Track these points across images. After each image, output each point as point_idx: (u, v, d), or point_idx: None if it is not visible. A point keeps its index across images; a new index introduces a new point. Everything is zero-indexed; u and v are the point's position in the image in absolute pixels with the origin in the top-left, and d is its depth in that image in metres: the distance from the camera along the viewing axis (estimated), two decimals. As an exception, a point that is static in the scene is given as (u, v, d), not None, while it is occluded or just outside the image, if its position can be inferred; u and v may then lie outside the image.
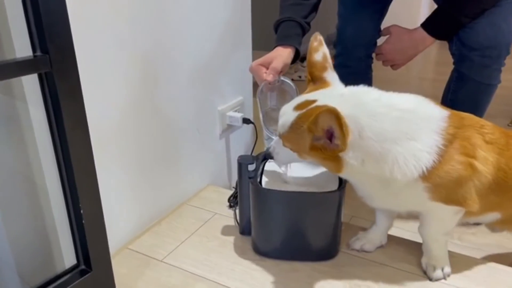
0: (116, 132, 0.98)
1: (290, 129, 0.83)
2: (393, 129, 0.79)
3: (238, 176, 1.03)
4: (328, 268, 0.97)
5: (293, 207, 0.95)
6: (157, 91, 1.08)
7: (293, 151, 0.85)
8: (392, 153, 0.79)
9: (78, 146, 0.71)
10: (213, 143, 1.35)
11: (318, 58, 0.90)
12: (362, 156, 0.79)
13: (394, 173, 0.80)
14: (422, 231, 0.94)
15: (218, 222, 1.15)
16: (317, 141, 0.79)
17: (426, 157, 0.79)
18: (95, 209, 0.76)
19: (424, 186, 0.82)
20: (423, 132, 0.81)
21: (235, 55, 1.35)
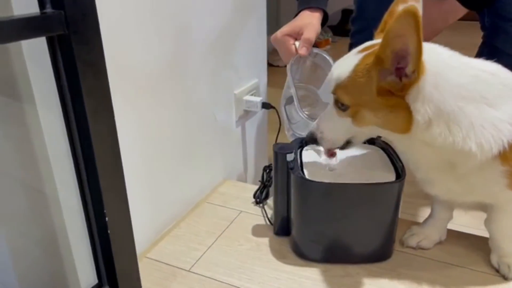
0: (129, 121, 0.82)
1: (351, 76, 0.69)
2: (471, 87, 0.66)
3: (274, 167, 0.88)
4: (384, 270, 0.84)
5: (347, 201, 0.81)
6: (173, 73, 0.92)
7: (352, 106, 0.71)
8: (467, 116, 0.65)
9: (103, 137, 0.54)
10: (229, 132, 1.19)
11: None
12: (432, 111, 0.65)
13: (468, 142, 0.66)
14: (491, 226, 0.82)
15: (246, 222, 1.00)
16: (384, 78, 0.66)
17: (508, 129, 0.66)
18: (122, 216, 0.60)
19: (502, 169, 0.69)
20: (504, 101, 0.67)
21: (249, 33, 1.19)
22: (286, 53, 0.97)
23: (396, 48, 0.62)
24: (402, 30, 0.59)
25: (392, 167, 0.84)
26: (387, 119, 0.69)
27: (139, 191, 0.88)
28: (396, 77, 0.65)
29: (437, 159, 0.72)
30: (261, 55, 1.28)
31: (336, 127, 0.75)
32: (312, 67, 1.01)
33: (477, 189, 0.74)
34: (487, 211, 0.82)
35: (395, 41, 0.61)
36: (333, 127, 0.76)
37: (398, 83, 0.65)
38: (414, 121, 0.67)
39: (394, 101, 0.67)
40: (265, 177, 1.09)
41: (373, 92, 0.67)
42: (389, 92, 0.66)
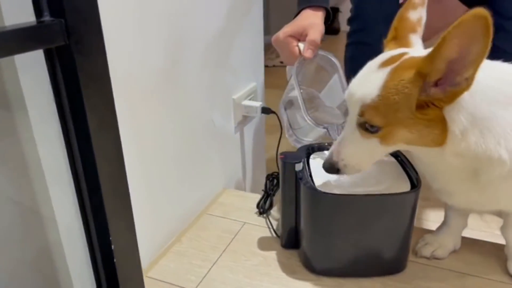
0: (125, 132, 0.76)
1: (381, 94, 0.63)
2: (501, 90, 0.64)
3: (282, 178, 0.84)
4: (400, 283, 0.80)
5: (360, 213, 0.77)
6: (170, 81, 0.86)
7: (383, 126, 0.65)
8: (499, 121, 0.63)
9: (108, 156, 0.49)
10: (227, 138, 1.14)
11: (412, 16, 0.73)
12: (467, 119, 0.62)
13: (498, 150, 0.63)
14: (507, 233, 0.79)
15: (251, 234, 0.95)
16: (425, 91, 0.62)
17: None
18: (130, 243, 0.54)
19: None
20: None
21: (246, 35, 1.14)
22: (289, 55, 0.93)
23: (452, 57, 0.58)
24: (470, 37, 0.55)
25: (406, 176, 0.81)
26: (422, 134, 0.65)
27: (137, 205, 0.82)
28: (437, 87, 0.61)
29: (463, 168, 0.68)
30: (258, 57, 1.24)
31: (360, 151, 0.70)
32: (315, 70, 0.97)
33: (499, 198, 0.71)
34: (504, 217, 0.79)
35: (453, 49, 0.57)
36: (358, 151, 0.70)
37: (441, 94, 0.61)
38: (450, 132, 0.63)
39: (433, 114, 0.63)
40: (268, 186, 1.05)
41: (411, 108, 0.63)
42: (427, 105, 0.62)
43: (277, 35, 0.94)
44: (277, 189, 1.05)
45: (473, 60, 0.57)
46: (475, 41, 0.55)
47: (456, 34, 0.55)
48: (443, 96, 0.61)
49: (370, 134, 0.68)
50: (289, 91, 1.00)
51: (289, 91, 1.00)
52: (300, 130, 0.96)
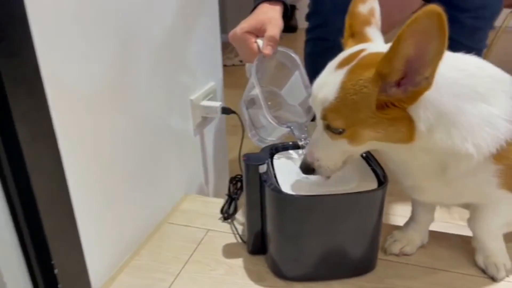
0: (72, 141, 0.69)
1: (339, 96, 0.61)
2: (464, 83, 0.63)
3: (245, 181, 0.79)
4: (373, 283, 0.78)
5: (329, 213, 0.74)
6: (122, 83, 0.80)
7: (348, 127, 0.64)
8: (465, 115, 0.62)
9: (43, 166, 0.43)
10: (187, 142, 1.08)
11: (362, 10, 0.71)
12: (433, 116, 0.61)
13: (466, 144, 0.62)
14: (475, 225, 0.78)
15: (215, 242, 0.90)
16: (385, 91, 0.60)
17: (504, 126, 0.63)
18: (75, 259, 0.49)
19: (495, 169, 0.65)
20: (497, 95, 0.64)
21: (202, 33, 1.09)
22: (248, 52, 0.88)
23: (409, 55, 0.55)
24: (426, 34, 0.53)
25: (372, 173, 0.78)
26: (388, 133, 0.63)
27: (87, 219, 0.75)
28: (398, 87, 0.59)
29: (432, 164, 0.67)
30: (216, 56, 1.18)
31: (332, 151, 0.68)
32: (276, 67, 0.93)
33: (468, 191, 0.70)
34: (471, 210, 0.79)
35: (409, 47, 0.54)
36: (329, 152, 0.69)
37: (402, 94, 0.59)
38: (417, 129, 0.61)
39: (395, 113, 0.60)
40: (232, 189, 1.00)
41: (371, 108, 0.60)
42: (389, 105, 0.60)
43: (234, 32, 0.89)
44: (241, 192, 1.00)
45: (431, 58, 0.55)
46: (430, 39, 0.53)
47: (411, 33, 0.53)
48: (404, 97, 0.59)
49: (337, 136, 0.65)
50: (249, 90, 0.95)
51: (249, 90, 0.95)
52: (263, 129, 0.92)
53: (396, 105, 0.60)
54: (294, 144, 0.89)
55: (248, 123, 0.96)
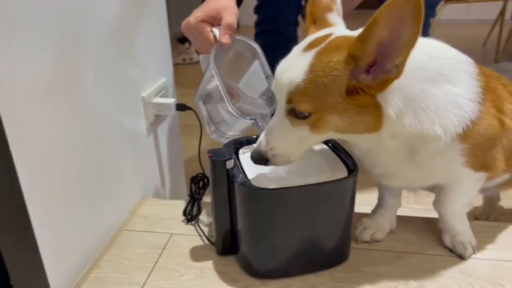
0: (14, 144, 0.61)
1: (308, 78, 0.59)
2: (428, 66, 0.63)
3: (212, 178, 0.75)
4: (347, 273, 0.77)
5: (302, 205, 0.71)
6: (66, 82, 0.72)
7: (313, 112, 0.61)
8: (431, 98, 0.62)
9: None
10: (140, 142, 1.01)
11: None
12: (402, 101, 0.61)
13: (433, 127, 0.63)
14: (441, 206, 0.80)
15: (181, 245, 0.85)
16: (355, 77, 0.58)
17: (469, 105, 0.64)
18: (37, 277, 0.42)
19: (461, 148, 0.67)
20: (459, 75, 0.65)
21: (149, 27, 1.02)
22: (203, 42, 0.83)
23: (383, 39, 0.54)
24: (401, 19, 0.51)
25: (341, 162, 0.77)
26: (353, 121, 0.61)
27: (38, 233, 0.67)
28: (368, 74, 0.57)
29: (400, 149, 0.66)
30: (166, 52, 1.12)
31: (291, 139, 0.66)
32: (233, 57, 0.89)
33: (436, 171, 0.71)
34: (436, 192, 0.80)
35: (384, 30, 0.53)
36: (287, 140, 0.66)
37: (371, 81, 0.57)
38: (386, 116, 0.61)
39: (364, 100, 0.59)
40: (194, 189, 0.95)
41: (341, 92, 0.59)
42: (358, 91, 0.58)
43: (187, 21, 0.84)
44: (203, 192, 0.96)
45: (404, 45, 0.55)
46: (405, 24, 0.53)
47: (387, 15, 0.52)
48: (374, 84, 0.59)
49: (300, 121, 0.63)
50: (206, 83, 0.91)
51: (206, 83, 0.91)
52: (224, 123, 0.88)
53: (365, 92, 0.59)
54: (258, 137, 0.86)
55: (206, 118, 0.91)
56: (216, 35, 0.82)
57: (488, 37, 3.23)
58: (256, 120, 0.81)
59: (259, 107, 0.89)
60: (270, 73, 0.84)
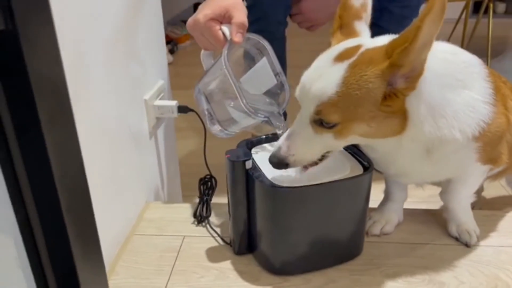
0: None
1: (341, 90, 0.61)
2: (447, 72, 0.66)
3: (230, 178, 0.76)
4: (363, 266, 0.79)
5: (322, 202, 0.73)
6: (72, 87, 0.71)
7: (342, 122, 0.63)
8: (451, 104, 0.65)
9: (66, 158, 0.35)
10: (143, 146, 1.00)
11: (356, 3, 0.71)
12: (425, 107, 0.64)
13: (453, 132, 0.66)
14: (448, 198, 0.84)
15: (196, 247, 0.85)
16: (394, 83, 0.61)
17: (484, 108, 0.68)
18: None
19: (475, 146, 0.70)
20: (474, 79, 0.69)
21: (146, 29, 1.01)
22: (212, 40, 0.83)
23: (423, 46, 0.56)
24: (434, 21, 0.54)
25: (356, 160, 0.79)
26: (380, 127, 0.64)
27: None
28: (403, 78, 0.60)
29: (417, 150, 0.70)
30: (161, 53, 1.11)
31: (313, 146, 0.67)
32: (239, 55, 0.89)
33: (449, 168, 0.75)
34: (443, 184, 0.84)
35: (426, 37, 0.55)
36: (309, 146, 0.67)
37: (405, 83, 0.60)
38: (410, 121, 0.63)
39: (397, 105, 0.62)
40: (203, 190, 0.95)
41: (376, 102, 0.61)
42: (392, 96, 0.61)
43: (195, 19, 0.82)
44: (212, 193, 0.96)
45: (428, 42, 0.57)
46: (437, 23, 0.55)
47: (429, 23, 0.55)
48: (407, 84, 0.61)
49: (324, 130, 0.65)
50: (207, 83, 0.90)
51: (207, 83, 0.90)
52: (231, 121, 0.88)
53: (400, 96, 0.62)
54: (267, 138, 0.87)
55: (207, 113, 0.90)
56: (226, 34, 0.82)
57: (451, 36, 3.38)
58: (269, 118, 0.81)
59: (267, 105, 0.89)
60: (281, 70, 0.85)
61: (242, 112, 0.81)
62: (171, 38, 3.35)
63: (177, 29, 3.49)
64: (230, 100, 0.85)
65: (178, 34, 3.39)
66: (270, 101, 0.89)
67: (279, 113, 0.83)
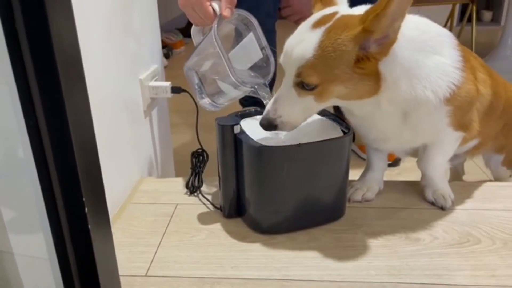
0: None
1: (318, 53, 0.67)
2: (419, 39, 0.73)
3: (220, 143, 0.81)
4: (345, 227, 0.85)
5: (306, 162, 0.78)
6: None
7: (319, 84, 0.69)
8: (423, 68, 0.72)
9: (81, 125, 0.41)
10: (138, 124, 1.05)
11: None
12: (398, 69, 0.70)
13: (426, 92, 0.72)
14: (424, 164, 0.89)
15: (188, 213, 0.90)
16: (367, 47, 0.67)
17: (454, 72, 0.74)
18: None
19: (446, 110, 0.77)
20: (443, 46, 0.75)
21: (141, 13, 1.07)
22: (202, 15, 0.89)
23: (395, 12, 0.62)
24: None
25: (336, 125, 0.85)
26: (357, 88, 0.70)
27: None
28: (376, 44, 0.66)
29: (395, 113, 0.75)
30: (156, 39, 1.17)
31: (297, 108, 0.73)
32: (228, 31, 0.95)
33: (424, 132, 0.81)
34: (420, 152, 0.89)
35: (397, 5, 0.61)
36: (294, 108, 0.73)
37: (378, 48, 0.66)
38: (384, 82, 0.69)
39: (369, 67, 0.68)
40: (195, 163, 1.00)
41: (350, 64, 0.67)
42: (365, 59, 0.67)
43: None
44: (204, 165, 1.01)
45: (402, 11, 0.63)
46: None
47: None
48: (380, 50, 0.67)
49: (306, 92, 0.71)
50: (197, 58, 0.94)
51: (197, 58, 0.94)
52: (219, 94, 0.93)
53: (372, 59, 0.68)
54: (255, 111, 0.92)
55: (197, 87, 0.95)
56: (216, 9, 0.88)
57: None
58: (256, 88, 0.87)
59: (250, 78, 0.95)
60: (266, 44, 0.91)
61: (230, 84, 0.87)
62: (166, 44, 3.43)
63: (172, 35, 3.58)
64: (219, 72, 0.90)
65: (173, 40, 3.48)
66: (256, 75, 0.95)
67: (265, 84, 0.89)
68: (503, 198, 0.93)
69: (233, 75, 0.84)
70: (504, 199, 0.92)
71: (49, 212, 0.47)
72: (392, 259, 0.75)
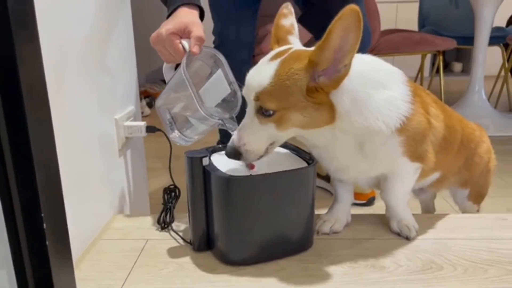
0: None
1: (273, 81, 0.73)
2: (369, 75, 0.79)
3: (190, 176, 0.84)
4: (312, 257, 0.86)
5: (272, 191, 0.81)
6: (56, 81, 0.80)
7: (278, 109, 0.74)
8: (374, 101, 0.77)
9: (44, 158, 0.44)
10: (113, 163, 1.08)
11: (286, 23, 0.87)
12: (349, 101, 0.75)
13: (377, 123, 0.78)
14: (386, 195, 0.93)
15: (158, 247, 0.90)
16: (316, 79, 0.73)
17: (403, 105, 0.80)
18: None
19: (399, 140, 0.82)
20: (392, 82, 0.82)
21: (118, 54, 1.13)
22: (173, 52, 0.94)
23: (336, 46, 0.68)
24: (348, 28, 0.66)
25: (301, 159, 0.89)
26: (313, 116, 0.75)
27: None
28: (324, 76, 0.72)
29: (351, 142, 0.80)
30: (132, 82, 1.23)
31: (259, 136, 0.78)
32: (197, 68, 1.00)
33: (380, 161, 0.85)
34: (382, 184, 0.93)
35: (337, 39, 0.68)
36: (256, 136, 0.78)
37: (327, 81, 0.72)
38: (337, 112, 0.75)
39: (321, 98, 0.73)
40: (167, 199, 1.02)
41: (302, 92, 0.73)
42: (317, 90, 0.72)
43: (158, 33, 0.93)
44: (176, 201, 1.03)
45: (350, 48, 0.69)
46: (351, 31, 0.67)
47: (338, 27, 0.67)
48: (329, 83, 0.73)
49: (267, 119, 0.76)
50: (168, 93, 0.98)
51: (168, 93, 0.98)
52: (190, 129, 0.96)
53: (322, 91, 0.73)
54: (224, 146, 0.96)
55: (168, 123, 0.98)
56: (185, 47, 0.94)
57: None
58: (223, 121, 0.91)
59: (217, 113, 0.99)
60: (234, 80, 0.96)
61: (199, 117, 0.91)
62: (149, 94, 3.52)
63: (156, 86, 3.68)
64: (188, 105, 0.94)
65: (156, 91, 3.58)
66: (223, 111, 1.00)
67: (232, 118, 0.94)
68: (464, 228, 0.96)
69: (200, 107, 0.89)
70: (465, 229, 0.96)
71: (12, 244, 0.48)
72: (357, 286, 0.77)
